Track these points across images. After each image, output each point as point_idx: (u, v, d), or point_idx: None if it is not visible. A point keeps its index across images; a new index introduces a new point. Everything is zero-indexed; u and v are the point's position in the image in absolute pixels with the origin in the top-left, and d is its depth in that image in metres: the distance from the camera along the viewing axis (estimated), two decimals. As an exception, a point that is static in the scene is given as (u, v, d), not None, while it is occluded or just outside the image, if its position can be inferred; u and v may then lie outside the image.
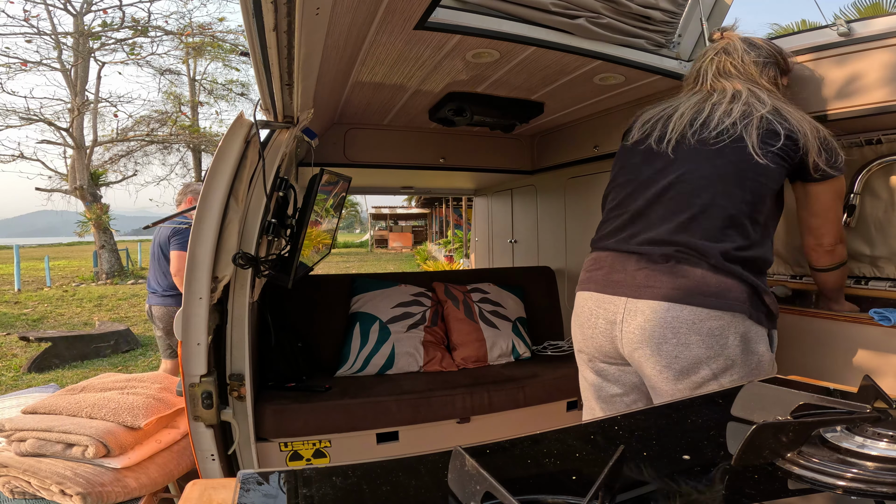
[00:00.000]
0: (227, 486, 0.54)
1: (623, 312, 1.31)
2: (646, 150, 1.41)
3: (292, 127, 1.56)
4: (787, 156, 1.30)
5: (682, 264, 1.27)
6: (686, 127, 1.36)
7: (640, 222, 1.36)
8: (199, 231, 1.49)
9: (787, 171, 1.33)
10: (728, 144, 1.31)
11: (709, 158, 1.32)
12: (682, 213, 1.30)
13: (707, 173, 1.31)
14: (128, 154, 15.26)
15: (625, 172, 1.46)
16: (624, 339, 1.31)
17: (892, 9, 7.83)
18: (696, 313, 1.22)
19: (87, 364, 5.34)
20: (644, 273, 1.30)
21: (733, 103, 1.34)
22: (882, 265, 1.64)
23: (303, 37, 0.95)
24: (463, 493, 0.47)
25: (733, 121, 1.31)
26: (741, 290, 1.24)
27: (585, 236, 2.80)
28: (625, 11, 1.67)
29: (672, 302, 1.24)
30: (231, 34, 14.66)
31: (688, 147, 1.35)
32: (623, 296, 1.32)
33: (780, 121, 1.30)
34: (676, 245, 1.29)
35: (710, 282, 1.24)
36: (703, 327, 1.22)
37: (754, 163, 1.28)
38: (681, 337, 1.23)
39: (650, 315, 1.26)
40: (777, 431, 0.56)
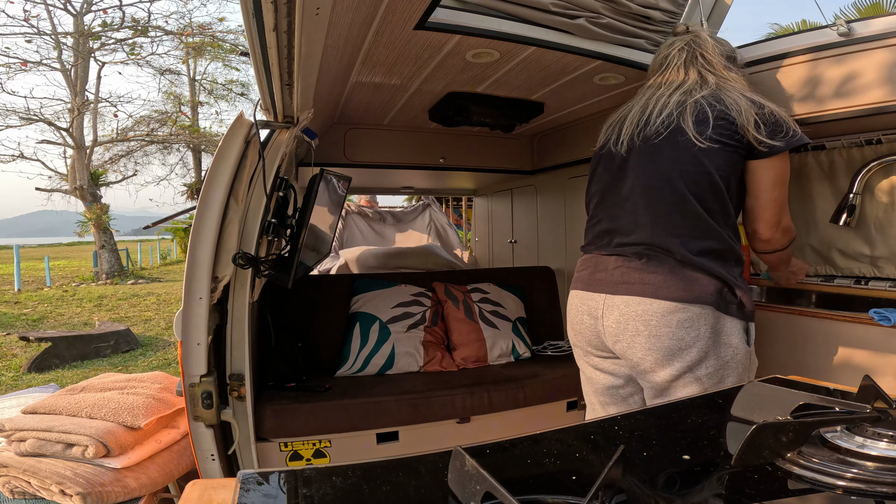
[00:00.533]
0: (227, 486, 0.54)
1: (602, 308, 1.39)
2: (605, 156, 1.48)
3: (292, 127, 1.56)
4: (728, 136, 1.30)
5: (653, 260, 1.34)
6: (634, 128, 1.41)
7: (612, 229, 1.43)
8: (199, 231, 1.49)
9: (736, 153, 1.32)
10: (666, 137, 1.35)
11: (652, 156, 1.36)
12: (644, 217, 1.36)
13: (654, 173, 1.36)
14: (128, 154, 15.27)
15: (594, 181, 1.53)
16: (605, 332, 1.39)
17: (893, 9, 7.83)
18: (664, 306, 1.28)
19: (87, 364, 5.34)
20: (620, 271, 1.38)
21: (673, 94, 1.37)
22: (882, 265, 1.64)
23: (303, 37, 0.95)
24: (463, 493, 0.47)
25: (669, 112, 1.35)
26: (709, 283, 1.29)
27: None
28: (625, 11, 1.67)
29: (643, 296, 1.31)
30: (231, 34, 14.68)
31: (636, 148, 1.40)
32: (602, 292, 1.40)
33: (714, 102, 1.32)
34: (645, 245, 1.36)
35: (677, 276, 1.30)
36: (672, 319, 1.27)
37: (697, 150, 1.31)
38: (652, 329, 1.29)
39: (624, 309, 1.33)
40: (777, 431, 0.56)
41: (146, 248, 19.31)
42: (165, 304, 8.92)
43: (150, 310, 8.44)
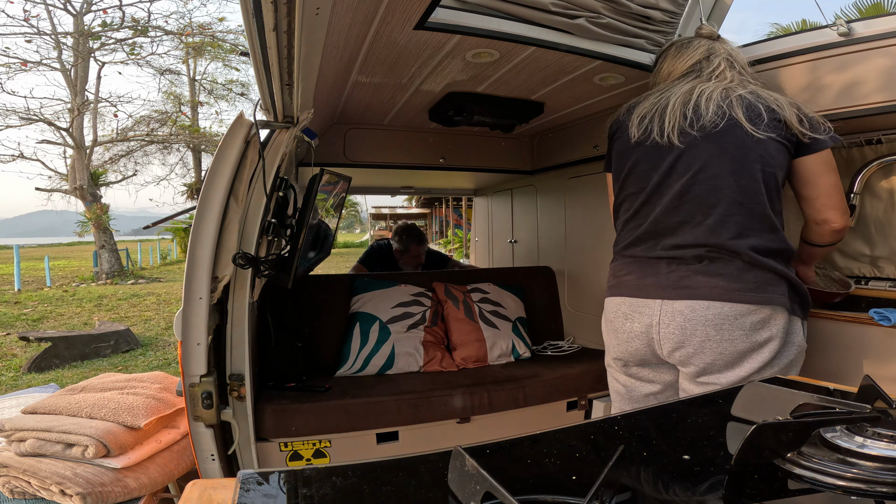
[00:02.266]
0: (227, 486, 0.54)
1: (659, 314, 1.31)
2: (649, 150, 1.38)
3: (292, 127, 1.56)
4: (777, 131, 1.29)
5: (716, 262, 1.28)
6: (680, 118, 1.34)
7: (662, 230, 1.36)
8: (199, 231, 1.49)
9: (786, 150, 1.31)
10: (724, 130, 1.30)
11: (712, 151, 1.30)
12: (705, 217, 1.30)
13: (717, 168, 1.29)
14: (128, 154, 15.27)
15: (633, 180, 1.43)
16: (662, 339, 1.32)
17: (893, 9, 7.82)
18: (737, 309, 1.24)
19: (87, 364, 5.34)
20: (677, 275, 1.31)
21: (717, 85, 1.36)
22: (882, 265, 1.64)
23: (303, 37, 0.95)
24: (463, 493, 0.47)
25: (718, 104, 1.32)
26: (779, 283, 1.26)
27: (585, 236, 2.81)
28: (625, 11, 1.67)
29: (711, 300, 1.25)
30: (231, 34, 14.68)
31: (689, 139, 1.33)
32: (658, 298, 1.32)
33: (757, 99, 1.32)
34: (706, 246, 1.29)
35: (748, 277, 1.25)
36: (746, 322, 1.24)
37: (755, 140, 1.27)
38: (724, 333, 1.24)
39: (690, 315, 1.27)
40: (777, 431, 0.56)
41: (146, 248, 19.31)
42: (165, 304, 8.92)
43: (150, 310, 8.44)
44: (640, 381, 1.45)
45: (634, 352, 1.39)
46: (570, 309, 2.95)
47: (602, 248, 2.66)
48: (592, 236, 2.74)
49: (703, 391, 1.29)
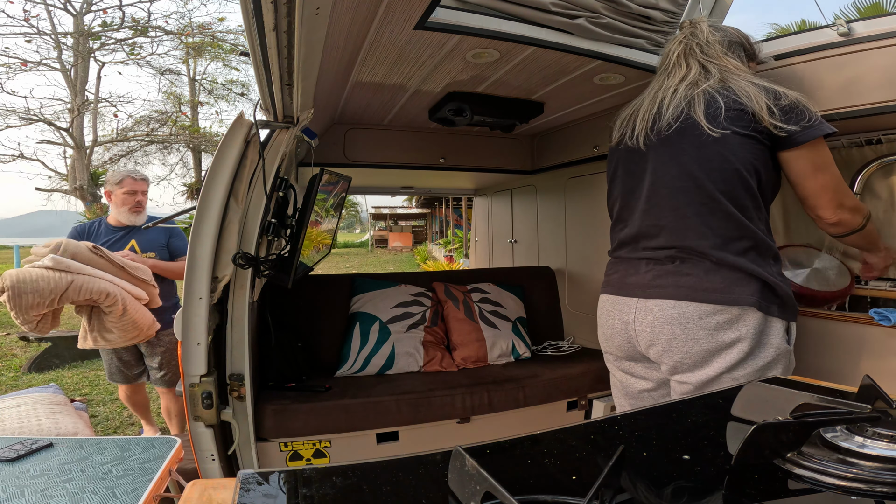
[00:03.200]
0: (227, 486, 0.54)
1: (635, 312, 1.36)
2: (623, 154, 1.45)
3: (292, 127, 1.56)
4: (744, 125, 1.25)
5: (686, 263, 1.30)
6: (647, 122, 1.37)
7: (639, 233, 1.40)
8: (199, 231, 1.49)
9: (759, 143, 1.26)
10: (680, 131, 1.30)
11: (672, 153, 1.32)
12: (670, 220, 1.32)
13: (677, 172, 1.31)
14: (128, 154, 15.27)
15: (615, 184, 1.49)
16: (638, 337, 1.36)
17: (892, 9, 7.82)
18: (701, 308, 1.25)
19: (87, 364, 5.34)
20: (652, 274, 1.34)
21: (680, 84, 1.34)
22: (882, 265, 1.64)
23: (303, 37, 0.95)
24: (463, 493, 0.47)
25: (678, 103, 1.31)
26: (749, 283, 1.24)
27: (585, 236, 2.81)
28: (625, 11, 1.67)
29: (678, 299, 1.27)
30: (231, 34, 14.68)
31: (651, 143, 1.36)
32: (635, 296, 1.36)
33: (723, 91, 1.28)
34: (676, 248, 1.32)
35: (714, 278, 1.26)
36: (711, 322, 1.24)
37: (715, 142, 1.25)
38: (689, 332, 1.26)
39: (658, 313, 1.30)
40: (777, 431, 0.56)
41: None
42: (165, 304, 8.91)
43: (150, 310, 8.42)
44: (634, 378, 1.47)
45: (619, 347, 1.44)
46: (570, 309, 2.95)
47: (602, 248, 2.65)
48: (592, 236, 2.74)
49: (681, 389, 1.32)
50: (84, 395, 4.37)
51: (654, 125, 1.36)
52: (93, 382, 4.71)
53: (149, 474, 1.51)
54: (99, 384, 4.66)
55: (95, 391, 4.48)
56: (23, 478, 1.47)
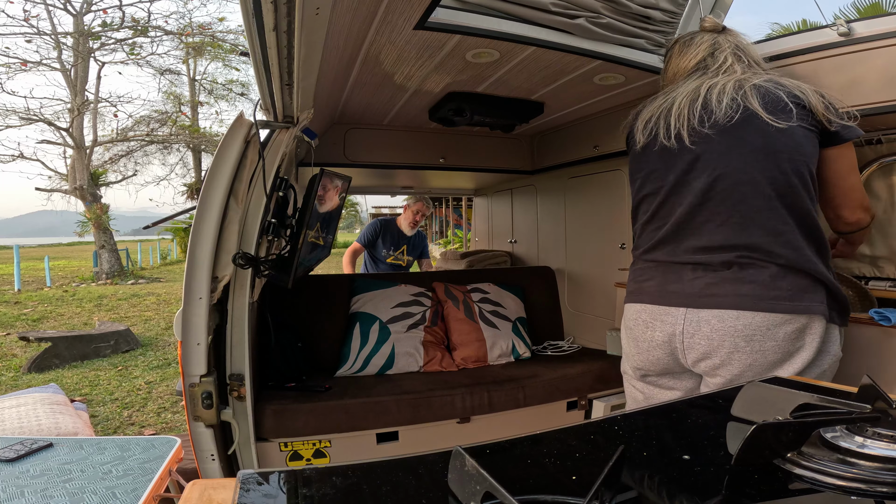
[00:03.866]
0: (227, 486, 0.54)
1: (683, 323, 1.24)
2: (660, 151, 1.31)
3: (292, 127, 1.56)
4: (802, 117, 1.20)
5: (748, 269, 1.19)
6: (690, 115, 1.26)
7: (685, 232, 1.27)
8: (199, 231, 1.49)
9: (815, 137, 1.22)
10: (740, 123, 1.21)
11: (732, 141, 1.22)
12: (733, 214, 1.21)
13: (740, 163, 1.21)
14: (128, 154, 15.28)
15: (650, 181, 1.35)
16: (687, 350, 1.24)
17: (892, 9, 7.82)
18: (769, 319, 1.15)
19: (87, 364, 5.34)
20: (704, 282, 1.22)
21: (727, 79, 1.27)
22: (882, 265, 1.64)
23: (303, 37, 0.95)
24: (463, 493, 0.47)
25: (731, 96, 1.23)
26: (817, 290, 1.17)
27: (585, 236, 2.81)
28: (625, 11, 1.67)
29: (741, 309, 1.17)
30: (231, 34, 14.68)
31: (702, 137, 1.25)
32: (682, 306, 1.24)
33: (776, 86, 1.23)
34: (737, 250, 1.20)
35: (782, 284, 1.16)
36: (780, 332, 1.15)
37: (778, 129, 1.18)
38: (754, 344, 1.16)
39: (717, 325, 1.19)
40: (777, 431, 0.56)
41: (146, 248, 19.31)
42: (165, 304, 8.92)
43: (150, 310, 8.44)
44: (660, 389, 1.38)
45: (656, 361, 1.32)
46: (570, 309, 2.95)
47: (602, 248, 2.66)
48: (592, 236, 2.74)
49: None
50: (84, 395, 4.37)
51: (703, 120, 1.25)
52: (93, 382, 4.71)
53: (149, 474, 1.51)
54: (99, 384, 4.67)
55: (95, 391, 4.48)
56: (23, 478, 1.47)
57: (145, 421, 3.79)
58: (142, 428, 3.65)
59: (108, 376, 4.91)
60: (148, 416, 3.88)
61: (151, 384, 4.66)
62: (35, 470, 1.51)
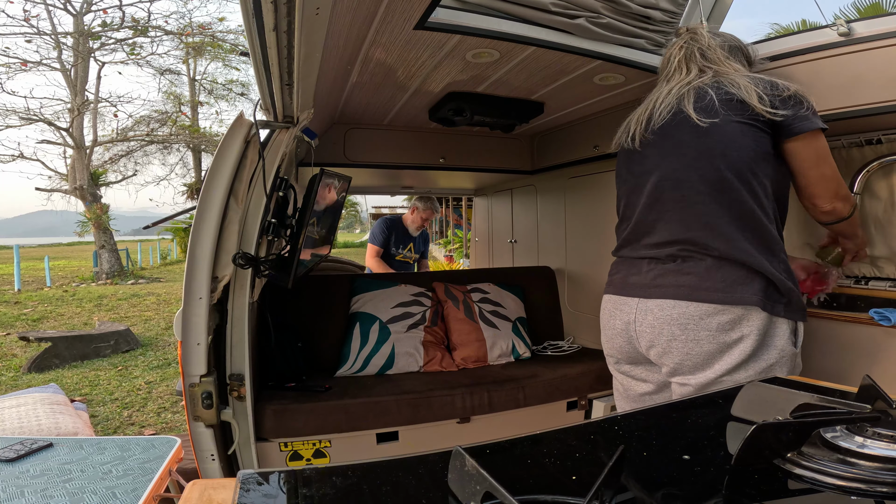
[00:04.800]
0: (227, 486, 0.54)
1: (635, 312, 1.34)
2: (625, 155, 1.46)
3: (292, 127, 1.56)
4: (738, 111, 1.24)
5: (688, 261, 1.27)
6: (641, 123, 1.38)
7: (641, 230, 1.38)
8: (199, 231, 1.49)
9: (756, 130, 1.24)
10: (672, 123, 1.31)
11: (669, 144, 1.32)
12: (674, 212, 1.30)
13: (678, 164, 1.30)
14: (128, 154, 15.28)
15: (619, 182, 1.49)
16: (639, 338, 1.34)
17: (892, 9, 7.82)
18: (702, 308, 1.22)
19: (87, 364, 5.34)
20: (653, 274, 1.32)
21: (673, 87, 1.35)
22: (882, 265, 1.64)
23: (303, 37, 0.95)
24: (463, 493, 0.47)
25: (669, 101, 1.33)
26: (753, 281, 1.20)
27: (585, 236, 2.81)
28: (625, 11, 1.67)
29: (678, 299, 1.25)
30: (231, 34, 14.68)
31: (648, 141, 1.37)
32: (636, 297, 1.35)
33: (714, 84, 1.29)
34: (679, 244, 1.29)
35: (716, 276, 1.22)
36: (712, 322, 1.20)
37: (710, 128, 1.25)
38: (689, 333, 1.23)
39: (658, 313, 1.28)
40: (777, 431, 0.56)
41: (146, 248, 19.31)
42: (165, 304, 8.92)
43: (150, 310, 8.44)
44: (634, 381, 1.46)
45: (619, 348, 1.42)
46: (570, 309, 2.95)
47: (602, 248, 2.66)
48: (592, 236, 2.74)
49: (681, 391, 1.29)
50: (84, 395, 4.37)
51: (647, 125, 1.37)
52: (93, 382, 4.71)
53: (149, 474, 1.51)
54: (99, 384, 4.67)
55: (95, 391, 4.48)
56: (23, 478, 1.47)
57: (145, 421, 3.79)
58: (142, 428, 3.65)
59: (108, 376, 4.91)
60: (148, 416, 3.88)
61: (151, 384, 4.66)
62: (35, 470, 1.51)
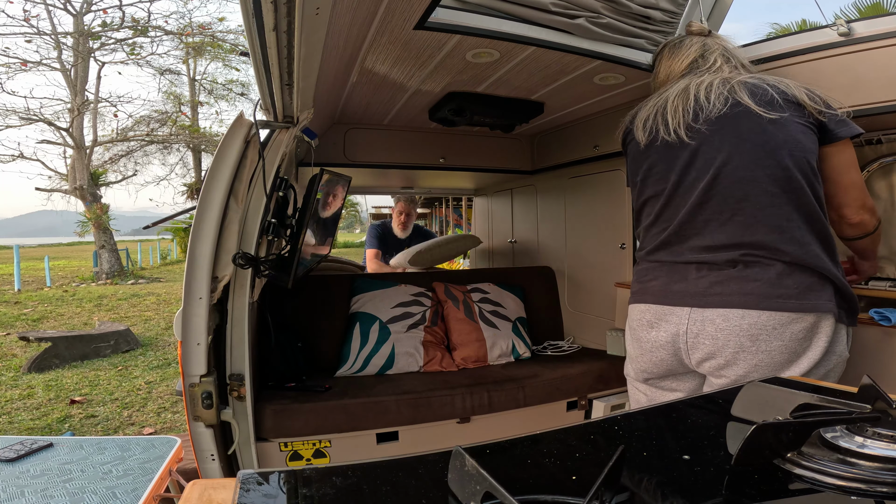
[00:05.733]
0: (227, 486, 0.54)
1: (687, 323, 1.22)
2: (662, 147, 1.31)
3: (292, 127, 1.56)
4: (794, 111, 1.19)
5: (753, 267, 1.17)
6: (685, 112, 1.27)
7: (689, 231, 1.26)
8: (199, 231, 1.49)
9: (811, 131, 1.20)
10: (732, 112, 1.21)
11: (727, 135, 1.21)
12: (736, 212, 1.19)
13: (739, 159, 1.19)
14: (128, 154, 15.28)
15: (651, 182, 1.34)
16: (691, 350, 1.23)
17: (893, 9, 7.82)
18: (776, 318, 1.13)
19: (87, 364, 5.34)
20: (708, 281, 1.21)
21: (714, 77, 1.29)
22: (882, 265, 1.64)
23: (303, 37, 0.95)
24: (463, 493, 0.47)
25: (719, 91, 1.24)
26: (824, 288, 1.15)
27: (585, 236, 2.81)
28: (625, 11, 1.67)
29: (747, 308, 1.15)
30: (231, 34, 14.69)
31: (699, 132, 1.24)
32: (686, 306, 1.23)
33: (761, 81, 1.25)
34: (741, 248, 1.19)
35: (788, 282, 1.14)
36: (786, 332, 1.13)
37: (772, 122, 1.17)
38: (760, 344, 1.14)
39: (722, 324, 1.17)
40: (777, 431, 0.56)
41: (146, 248, 19.31)
42: (165, 304, 8.92)
43: (150, 310, 8.44)
44: (663, 391, 1.36)
45: (659, 362, 1.31)
46: (570, 309, 2.95)
47: (602, 248, 2.66)
48: (592, 236, 2.74)
49: None
50: (84, 395, 4.37)
51: (696, 117, 1.24)
52: (93, 382, 4.71)
53: (149, 474, 1.51)
54: (99, 384, 4.67)
55: (95, 391, 4.48)
56: (23, 478, 1.47)
57: (145, 421, 3.79)
58: (142, 428, 3.65)
59: (108, 376, 4.91)
60: (148, 416, 3.88)
61: (151, 384, 4.66)
62: (35, 470, 1.51)
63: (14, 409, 4.07)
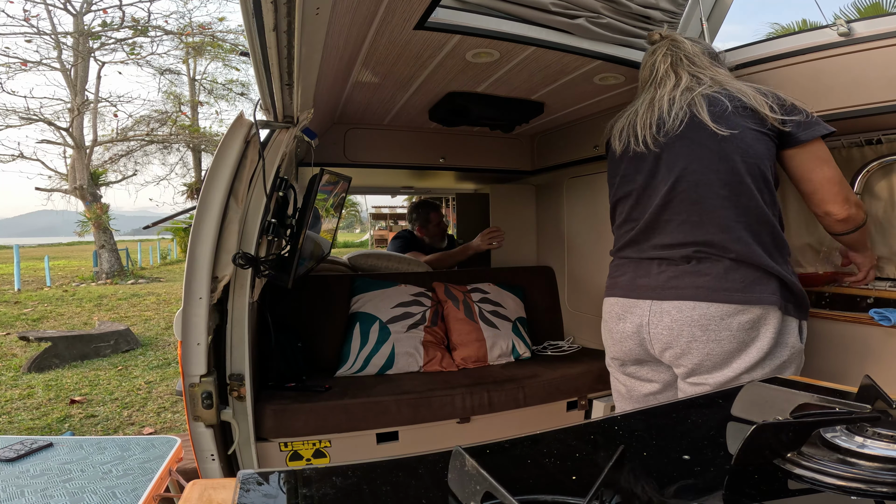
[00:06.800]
0: (227, 486, 0.54)
1: (649, 314, 1.33)
2: (632, 158, 1.43)
3: (292, 127, 1.56)
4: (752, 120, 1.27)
5: (704, 262, 1.28)
6: (649, 128, 1.37)
7: (653, 230, 1.38)
8: (199, 231, 1.49)
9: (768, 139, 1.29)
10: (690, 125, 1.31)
11: (687, 145, 1.32)
12: (691, 214, 1.30)
13: (697, 165, 1.30)
14: (128, 154, 15.28)
15: (623, 184, 1.47)
16: (653, 339, 1.34)
17: (893, 9, 7.82)
18: (723, 309, 1.23)
19: (87, 364, 5.34)
20: (666, 275, 1.32)
21: (675, 91, 1.36)
22: (882, 265, 1.64)
23: (303, 37, 0.95)
24: (463, 493, 0.47)
25: (679, 106, 1.33)
26: (767, 282, 1.24)
27: (585, 236, 2.81)
28: (625, 11, 1.67)
29: (697, 300, 1.25)
30: (231, 34, 14.68)
31: (664, 144, 1.35)
32: (648, 298, 1.34)
33: (719, 90, 1.32)
34: (695, 245, 1.29)
35: (734, 276, 1.25)
36: (733, 322, 1.23)
37: (721, 136, 1.27)
38: (710, 333, 1.24)
39: (676, 315, 1.28)
40: (777, 431, 0.56)
41: (146, 248, 19.31)
42: (165, 304, 8.92)
43: (150, 309, 8.44)
44: (640, 381, 1.45)
45: (628, 351, 1.42)
46: (570, 309, 2.95)
47: (602, 248, 2.66)
48: (592, 236, 2.74)
49: (695, 391, 1.30)
50: (84, 394, 4.37)
51: (659, 130, 1.36)
52: (93, 382, 4.71)
53: (149, 474, 1.51)
54: (99, 384, 4.67)
55: (95, 391, 4.48)
56: (23, 478, 1.47)
57: (145, 421, 3.80)
58: (142, 428, 3.65)
59: (107, 376, 4.92)
60: (148, 416, 3.88)
61: (151, 384, 4.66)
62: (35, 470, 1.51)
63: (14, 408, 4.07)
